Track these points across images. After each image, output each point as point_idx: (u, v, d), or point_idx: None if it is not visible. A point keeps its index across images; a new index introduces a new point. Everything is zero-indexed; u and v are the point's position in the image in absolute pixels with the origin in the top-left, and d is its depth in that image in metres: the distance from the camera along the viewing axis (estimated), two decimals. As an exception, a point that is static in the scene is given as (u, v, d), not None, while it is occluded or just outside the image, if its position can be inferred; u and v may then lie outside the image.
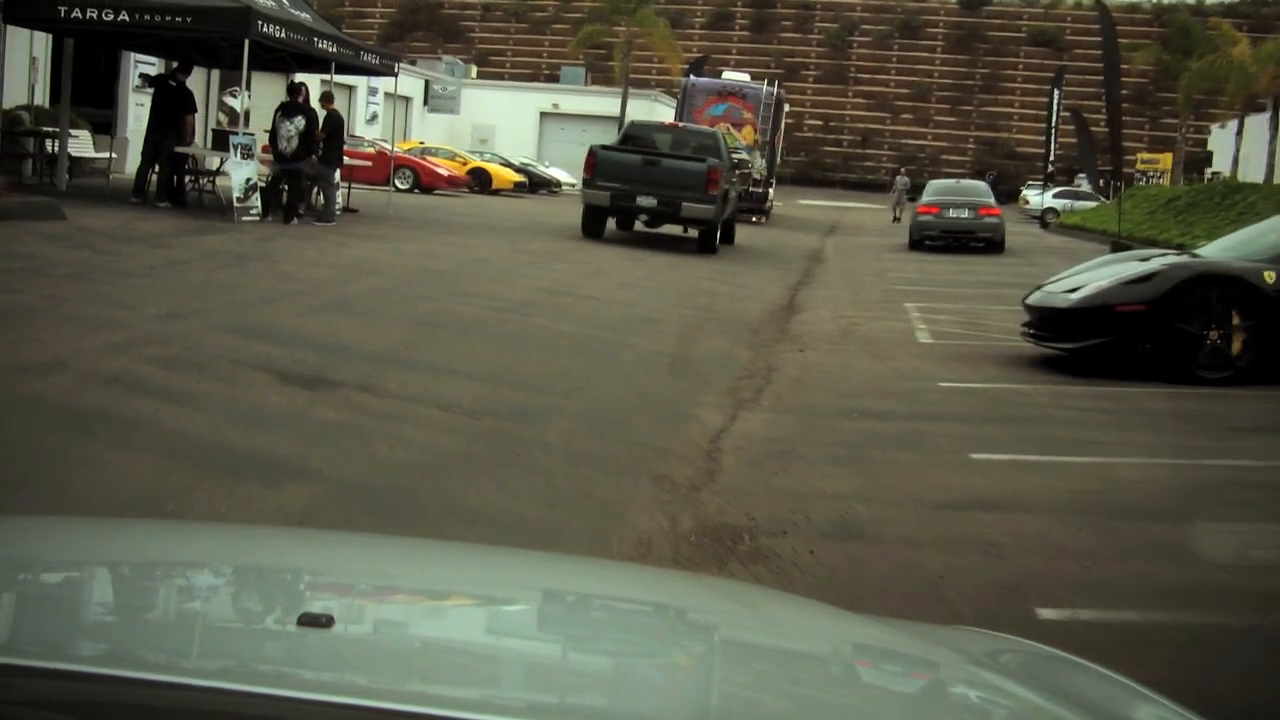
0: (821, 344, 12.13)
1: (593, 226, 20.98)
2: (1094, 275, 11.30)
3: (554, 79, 63.40)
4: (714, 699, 1.64)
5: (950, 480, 6.75)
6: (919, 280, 20.26)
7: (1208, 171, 54.68)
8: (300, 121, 17.31)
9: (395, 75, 22.48)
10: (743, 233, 25.41)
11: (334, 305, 10.78)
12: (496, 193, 37.01)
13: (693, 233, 21.05)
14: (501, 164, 39.85)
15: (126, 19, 16.75)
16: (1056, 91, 54.15)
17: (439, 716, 1.35)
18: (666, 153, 20.86)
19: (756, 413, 8.41)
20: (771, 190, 35.90)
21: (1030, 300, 11.46)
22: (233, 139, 16.95)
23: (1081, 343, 10.56)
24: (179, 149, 17.90)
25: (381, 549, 2.38)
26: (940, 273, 22.20)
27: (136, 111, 24.64)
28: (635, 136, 22.17)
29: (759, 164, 33.13)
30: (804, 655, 1.93)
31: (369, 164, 24.08)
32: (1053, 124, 53.91)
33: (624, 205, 20.39)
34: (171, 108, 18.05)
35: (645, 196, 19.91)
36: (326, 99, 18.61)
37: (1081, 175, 56.34)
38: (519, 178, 38.82)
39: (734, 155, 24.72)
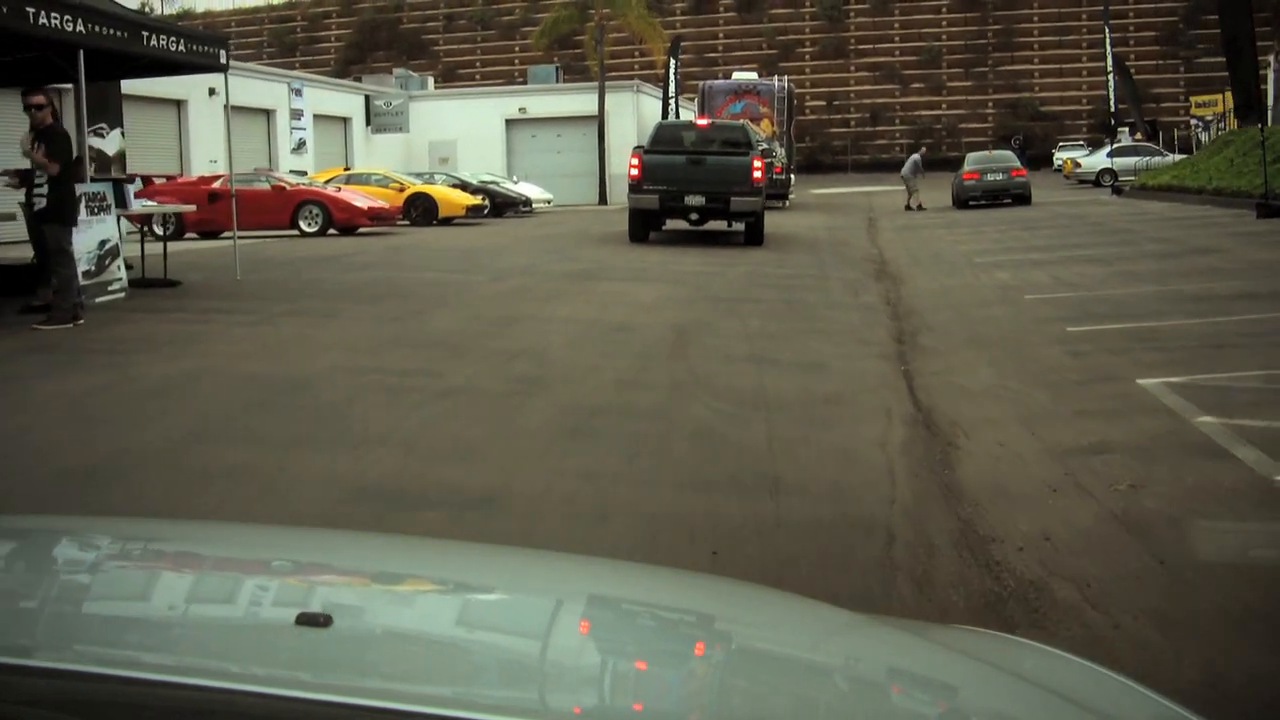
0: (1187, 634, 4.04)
1: (639, 231, 20.87)
2: None
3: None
4: (714, 703, 1.55)
5: None
6: (1093, 309, 11.97)
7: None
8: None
9: (225, 70, 14.52)
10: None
11: None
12: (447, 221, 29.00)
13: (738, 227, 21.10)
14: (453, 185, 31.76)
15: None
16: (1108, 30, 45.82)
17: (439, 716, 1.31)
18: (707, 150, 20.64)
19: None
20: (792, 178, 37.57)
21: None
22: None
23: None
24: None
25: (381, 547, 2.32)
26: (1091, 280, 13.94)
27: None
28: (666, 137, 21.67)
29: (779, 153, 33.46)
30: (806, 656, 1.82)
31: (192, 207, 15.83)
32: (1108, 68, 45.55)
33: (673, 206, 20.16)
34: None
35: (693, 195, 19.87)
36: (36, 107, 10.50)
37: (1122, 129, 49.12)
38: (475, 200, 30.62)
39: (760, 146, 23.83)
